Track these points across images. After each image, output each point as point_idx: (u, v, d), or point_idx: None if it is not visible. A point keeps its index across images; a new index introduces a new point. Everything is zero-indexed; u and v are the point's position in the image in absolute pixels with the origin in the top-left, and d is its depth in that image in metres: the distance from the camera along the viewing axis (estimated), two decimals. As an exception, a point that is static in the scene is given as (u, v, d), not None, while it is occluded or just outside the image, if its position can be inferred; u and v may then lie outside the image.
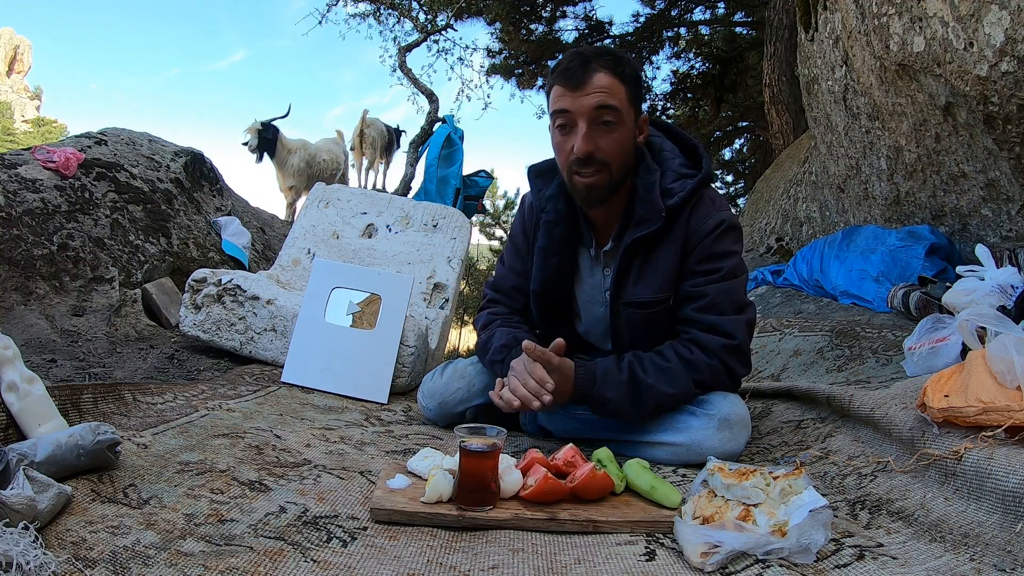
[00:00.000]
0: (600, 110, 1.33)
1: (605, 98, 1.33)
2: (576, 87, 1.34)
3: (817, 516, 0.90)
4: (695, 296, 1.41)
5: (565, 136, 1.38)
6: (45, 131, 35.14)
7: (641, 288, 1.43)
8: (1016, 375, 1.04)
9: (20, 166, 2.96)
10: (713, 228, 1.39)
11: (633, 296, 1.44)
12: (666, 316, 1.45)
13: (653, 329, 1.46)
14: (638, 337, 1.47)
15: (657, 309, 1.44)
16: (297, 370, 2.09)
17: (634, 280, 1.44)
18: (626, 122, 1.37)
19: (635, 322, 1.46)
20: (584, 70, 1.33)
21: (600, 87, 1.33)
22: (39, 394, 1.20)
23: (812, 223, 4.26)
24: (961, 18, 1.89)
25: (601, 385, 1.38)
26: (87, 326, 2.65)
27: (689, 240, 1.41)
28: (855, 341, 2.22)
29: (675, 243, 1.41)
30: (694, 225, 1.40)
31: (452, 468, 1.17)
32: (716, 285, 1.40)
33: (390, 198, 3.21)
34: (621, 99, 1.35)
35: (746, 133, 11.10)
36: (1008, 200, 2.31)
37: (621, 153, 1.38)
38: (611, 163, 1.37)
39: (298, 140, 6.29)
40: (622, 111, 1.35)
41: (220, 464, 1.21)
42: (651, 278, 1.42)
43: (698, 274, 1.41)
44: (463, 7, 8.20)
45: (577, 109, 1.34)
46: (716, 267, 1.40)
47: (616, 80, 1.34)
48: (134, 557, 0.83)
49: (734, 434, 1.37)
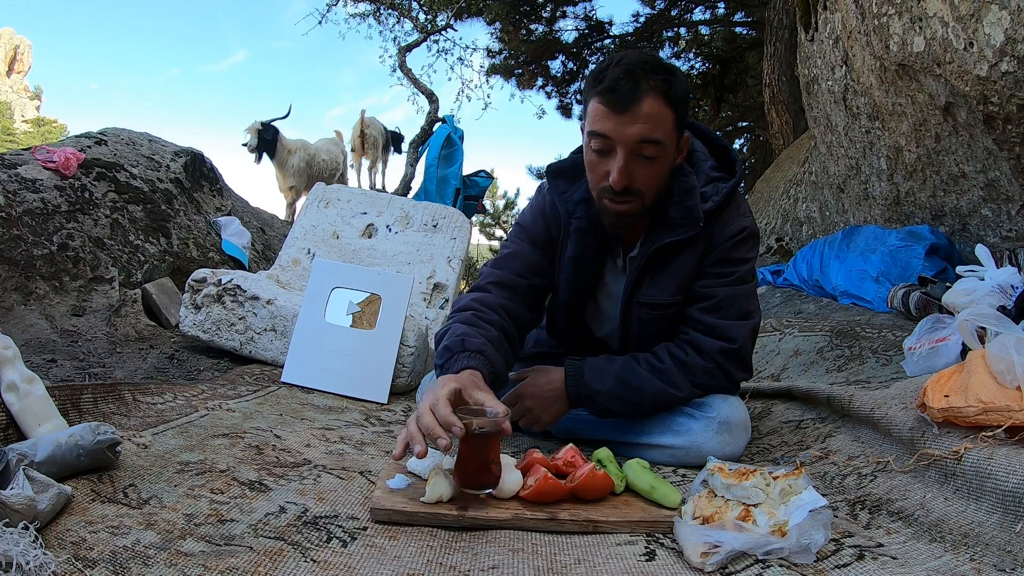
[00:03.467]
0: (643, 144, 1.22)
1: (650, 130, 1.21)
2: (621, 111, 1.21)
3: (817, 516, 0.90)
4: (703, 296, 1.40)
5: (601, 158, 1.27)
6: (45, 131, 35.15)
7: (657, 290, 1.41)
8: (1016, 375, 1.04)
9: (20, 166, 2.96)
10: (735, 233, 1.36)
11: (648, 297, 1.42)
12: (676, 317, 1.44)
13: (662, 329, 1.46)
14: (646, 335, 1.47)
15: (670, 311, 1.43)
16: (297, 370, 2.09)
17: (651, 281, 1.42)
18: (668, 151, 1.27)
19: (645, 321, 1.45)
20: (633, 93, 1.20)
21: (647, 115, 1.20)
22: (39, 394, 1.20)
23: (812, 223, 4.26)
24: (961, 18, 1.89)
25: (591, 378, 1.39)
26: (87, 326, 2.65)
27: (711, 244, 1.37)
28: (855, 341, 2.22)
29: (698, 248, 1.38)
30: (718, 230, 1.37)
31: (452, 468, 1.17)
32: (726, 288, 1.38)
33: (390, 198, 3.21)
34: (667, 129, 1.24)
35: (746, 133, 11.11)
36: (1008, 200, 2.31)
37: (657, 183, 1.30)
38: (645, 193, 1.29)
39: (298, 140, 6.30)
40: (666, 143, 1.25)
41: (220, 464, 1.21)
42: (669, 281, 1.40)
43: (710, 275, 1.39)
44: (463, 7, 8.21)
45: (618, 137, 1.22)
46: (729, 271, 1.38)
47: (666, 107, 1.22)
48: (134, 557, 0.83)
49: (734, 437, 1.37)
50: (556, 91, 9.69)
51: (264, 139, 5.92)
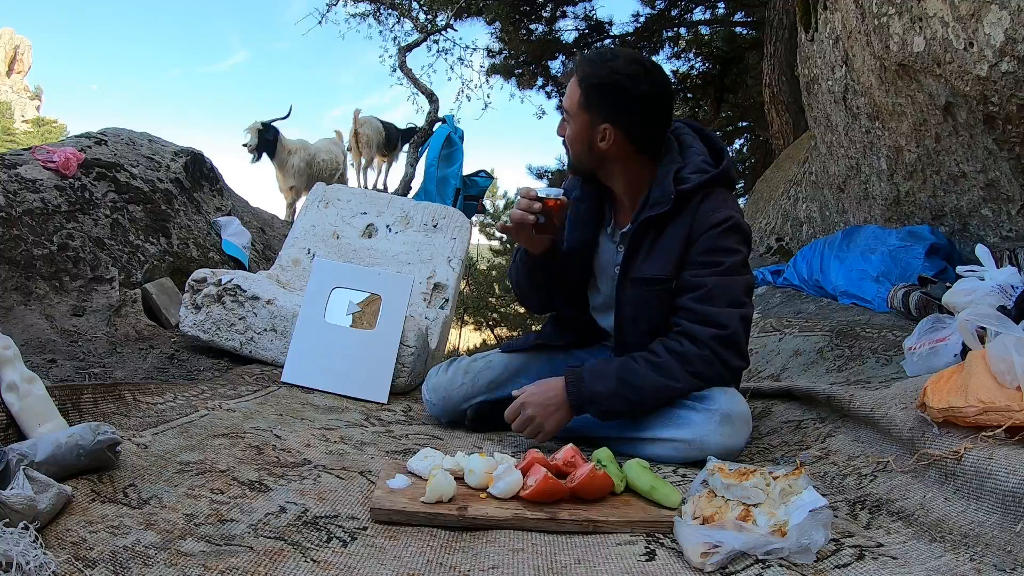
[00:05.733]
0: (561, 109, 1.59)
1: (565, 100, 1.55)
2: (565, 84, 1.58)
3: (817, 516, 0.90)
4: (693, 286, 1.45)
5: None
6: (45, 131, 35.13)
7: (648, 266, 1.50)
8: (1016, 375, 1.04)
9: (20, 166, 2.96)
10: (720, 222, 1.44)
11: (640, 272, 1.50)
12: (668, 299, 1.50)
13: (654, 311, 1.51)
14: (639, 316, 1.53)
15: (660, 289, 1.49)
16: (297, 370, 2.09)
17: (643, 258, 1.51)
18: (575, 123, 1.54)
19: (638, 300, 1.52)
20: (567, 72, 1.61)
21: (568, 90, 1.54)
22: (39, 394, 1.20)
23: (812, 223, 4.26)
24: (961, 18, 1.89)
25: (590, 380, 1.42)
26: (87, 326, 2.65)
27: (695, 227, 1.46)
28: (855, 341, 2.22)
29: (683, 227, 1.47)
30: (702, 215, 1.46)
31: (452, 468, 1.17)
32: (715, 278, 1.43)
33: (390, 198, 3.21)
34: (572, 103, 1.53)
35: (746, 133, 11.09)
36: (1008, 200, 2.31)
37: (574, 145, 1.56)
38: (570, 149, 1.58)
39: (298, 141, 6.28)
40: (571, 113, 1.53)
41: (220, 464, 1.21)
42: (658, 257, 1.49)
43: (699, 265, 1.45)
44: (463, 7, 8.20)
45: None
46: (718, 260, 1.44)
47: (575, 85, 1.52)
48: (134, 557, 0.83)
49: (736, 429, 1.39)
50: (556, 91, 9.68)
51: (264, 139, 5.91)
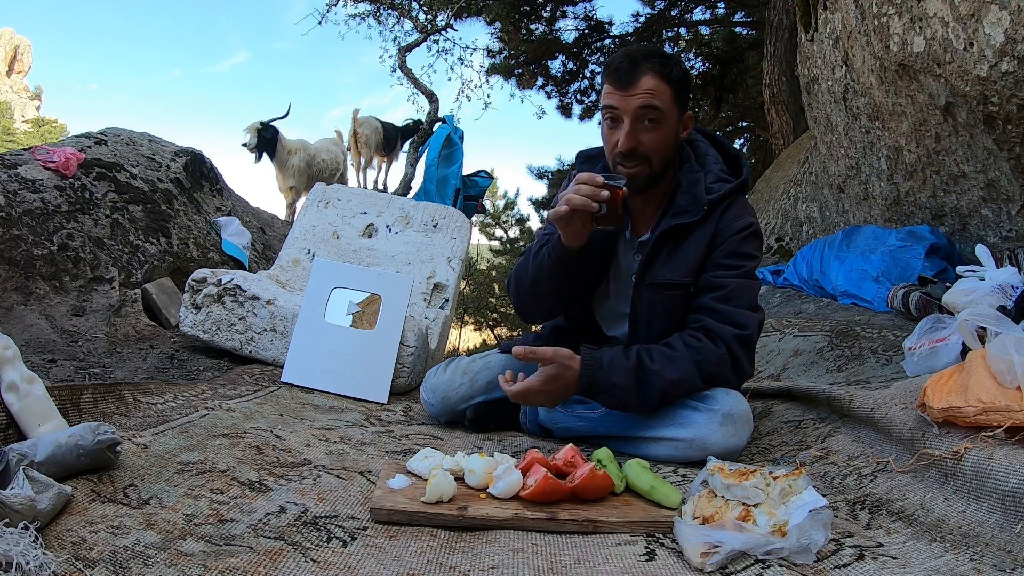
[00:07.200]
0: (644, 110, 1.42)
1: (649, 99, 1.42)
2: (624, 87, 1.43)
3: (817, 516, 0.90)
4: (715, 286, 1.47)
5: (612, 130, 1.48)
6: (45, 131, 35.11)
7: (667, 271, 1.51)
8: (1016, 375, 1.04)
9: (20, 166, 2.96)
10: (743, 228, 1.49)
11: (658, 277, 1.51)
12: (684, 304, 1.51)
13: (670, 314, 1.52)
14: (654, 320, 1.53)
15: (677, 293, 1.51)
16: (297, 370, 2.09)
17: (662, 264, 1.52)
18: (669, 121, 1.46)
19: (654, 303, 1.53)
20: (632, 72, 1.42)
21: (646, 89, 1.42)
22: (39, 394, 1.20)
23: (812, 223, 4.26)
24: (961, 18, 1.89)
25: (608, 370, 1.41)
26: (87, 326, 2.65)
27: (718, 234, 1.49)
28: (855, 341, 2.22)
29: (705, 235, 1.50)
30: (726, 222, 1.49)
31: (452, 468, 1.17)
32: (736, 280, 1.47)
33: (390, 198, 3.21)
34: (665, 100, 1.43)
35: (746, 133, 11.09)
36: (1008, 200, 2.31)
37: (662, 149, 1.48)
38: (652, 157, 1.47)
39: (298, 140, 6.28)
40: (665, 111, 1.44)
41: (220, 464, 1.21)
42: (678, 263, 1.50)
43: (722, 267, 1.48)
44: (463, 7, 8.19)
45: (623, 107, 1.44)
46: (739, 264, 1.48)
47: (662, 82, 1.43)
48: (134, 557, 0.83)
49: (737, 429, 1.39)
50: (556, 91, 9.67)
51: (264, 139, 5.91)
